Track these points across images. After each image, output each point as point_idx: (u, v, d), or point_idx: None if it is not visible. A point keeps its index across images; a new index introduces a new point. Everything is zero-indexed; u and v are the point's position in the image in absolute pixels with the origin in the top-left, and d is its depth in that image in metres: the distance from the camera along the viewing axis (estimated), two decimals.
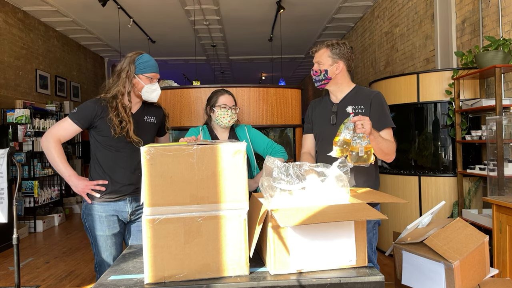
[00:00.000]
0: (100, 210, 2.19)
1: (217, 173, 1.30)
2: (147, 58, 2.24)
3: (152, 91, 2.23)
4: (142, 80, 2.20)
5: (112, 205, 2.20)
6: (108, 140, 2.19)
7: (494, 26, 3.68)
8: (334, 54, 2.12)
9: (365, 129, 1.80)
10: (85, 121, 2.18)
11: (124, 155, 2.20)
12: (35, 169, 6.09)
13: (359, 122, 1.80)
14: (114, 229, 2.22)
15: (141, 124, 2.29)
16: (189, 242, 1.28)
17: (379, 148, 1.96)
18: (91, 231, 2.22)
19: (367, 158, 1.84)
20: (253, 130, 2.55)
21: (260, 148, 2.49)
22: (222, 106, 2.41)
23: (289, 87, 3.55)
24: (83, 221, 2.25)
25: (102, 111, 2.18)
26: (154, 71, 2.24)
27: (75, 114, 2.18)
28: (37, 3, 6.69)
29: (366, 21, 7.51)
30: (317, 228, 1.32)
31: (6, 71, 6.38)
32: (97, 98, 2.25)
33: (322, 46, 2.16)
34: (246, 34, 8.98)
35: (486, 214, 3.32)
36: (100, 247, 2.21)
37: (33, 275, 3.97)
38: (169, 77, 11.74)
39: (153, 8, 7.12)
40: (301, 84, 16.18)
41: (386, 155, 2.03)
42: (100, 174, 2.20)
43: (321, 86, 2.18)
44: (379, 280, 1.27)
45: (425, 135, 4.01)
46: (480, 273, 1.67)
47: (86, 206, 2.22)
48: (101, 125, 2.18)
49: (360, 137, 1.83)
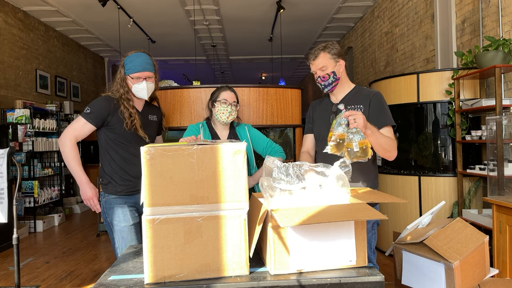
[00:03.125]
0: (121, 203, 2.28)
1: (217, 173, 1.30)
2: (132, 58, 2.29)
3: (139, 90, 2.30)
4: (130, 81, 2.29)
5: (131, 197, 2.31)
6: (119, 137, 2.28)
7: (494, 26, 3.68)
8: (333, 54, 2.11)
9: (358, 123, 1.79)
10: (99, 120, 2.25)
11: (135, 150, 2.27)
12: (35, 169, 6.09)
13: (351, 117, 1.80)
14: (136, 218, 2.31)
15: (147, 122, 2.40)
16: (189, 242, 1.28)
17: (378, 143, 1.94)
18: (114, 225, 2.27)
19: (363, 153, 1.83)
20: (253, 130, 2.58)
21: (260, 147, 2.52)
22: (223, 101, 2.44)
23: (289, 87, 3.55)
24: (104, 216, 2.31)
25: (114, 108, 2.27)
26: (139, 70, 2.27)
27: (89, 113, 2.24)
28: (37, 3, 6.68)
29: (366, 21, 7.51)
30: (317, 228, 1.32)
31: (6, 71, 6.38)
32: (107, 96, 2.31)
33: (318, 52, 2.11)
34: (246, 34, 8.98)
35: (486, 214, 3.32)
36: (125, 238, 2.26)
37: (33, 275, 3.97)
38: (169, 77, 11.75)
39: (153, 8, 7.12)
40: (301, 84, 16.18)
41: (386, 151, 2.00)
42: (116, 170, 2.29)
43: (332, 89, 2.15)
44: (379, 280, 1.27)
45: (425, 135, 4.01)
46: (480, 273, 1.67)
47: (107, 201, 2.29)
48: (113, 121, 2.26)
49: (353, 132, 1.82)
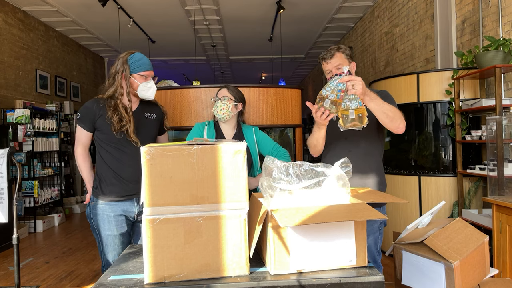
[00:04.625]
0: (108, 210, 2.21)
1: (217, 173, 1.30)
2: (139, 56, 2.27)
3: (147, 89, 2.26)
4: (137, 79, 2.24)
5: (120, 205, 2.22)
6: (110, 138, 2.22)
7: (494, 26, 3.68)
8: (347, 55, 2.13)
9: (356, 89, 1.70)
10: (89, 123, 2.23)
11: (129, 153, 2.23)
12: (35, 169, 6.09)
13: (350, 82, 1.70)
14: (122, 228, 2.23)
15: (143, 121, 2.32)
16: (189, 242, 1.28)
17: (381, 111, 1.84)
18: (98, 231, 2.23)
19: (359, 120, 1.75)
20: (260, 132, 2.57)
21: (266, 150, 2.52)
22: (217, 99, 2.45)
23: (289, 87, 3.55)
24: (90, 221, 2.26)
25: (100, 110, 2.22)
26: (148, 69, 2.26)
27: (79, 119, 2.25)
28: (37, 3, 6.68)
29: (366, 21, 7.51)
30: (317, 228, 1.32)
31: (6, 71, 6.38)
32: (95, 98, 2.29)
33: (334, 51, 2.12)
34: (246, 34, 8.98)
35: (486, 214, 3.32)
36: (108, 246, 2.22)
37: (33, 275, 3.97)
38: (169, 77, 11.74)
39: (153, 8, 7.12)
40: (301, 84, 16.18)
41: (392, 120, 1.89)
42: (108, 172, 2.23)
43: None
44: (379, 280, 1.27)
45: (425, 135, 4.01)
46: (480, 273, 1.67)
47: (94, 207, 2.23)
48: (101, 124, 2.22)
49: (351, 99, 1.73)
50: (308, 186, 1.37)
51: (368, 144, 2.16)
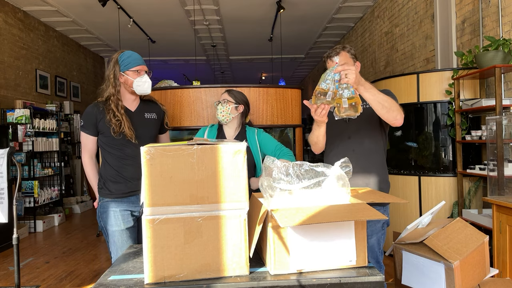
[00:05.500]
0: (114, 206, 2.27)
1: (217, 173, 1.30)
2: (128, 53, 2.31)
3: (142, 83, 2.29)
4: (130, 76, 2.27)
5: (125, 200, 2.29)
6: (112, 140, 2.27)
7: (494, 26, 3.68)
8: (352, 55, 2.16)
9: (349, 78, 1.71)
10: (93, 128, 2.29)
11: (130, 152, 2.28)
12: (35, 169, 6.09)
13: (343, 72, 1.72)
14: (129, 223, 2.29)
15: (142, 120, 2.37)
16: (189, 242, 1.28)
17: (376, 101, 1.85)
18: (106, 229, 2.28)
19: (353, 109, 1.77)
20: (263, 134, 2.60)
21: (269, 150, 2.54)
22: (218, 102, 2.50)
23: (289, 87, 3.55)
24: (98, 220, 2.32)
25: (100, 114, 2.27)
26: (139, 64, 2.30)
27: (82, 125, 2.31)
28: (37, 3, 6.68)
29: (366, 21, 7.51)
30: (317, 228, 1.32)
31: (6, 71, 6.38)
32: (94, 103, 2.35)
33: (339, 50, 2.14)
34: (246, 34, 8.98)
35: (486, 214, 3.32)
36: (116, 243, 2.25)
37: (33, 275, 3.97)
38: (169, 77, 11.74)
39: (153, 8, 7.12)
40: (301, 84, 16.18)
41: (389, 110, 1.88)
42: (111, 173, 2.29)
43: None
44: (379, 280, 1.27)
45: (425, 135, 4.01)
46: (480, 273, 1.67)
47: (101, 205, 2.30)
48: (103, 127, 2.28)
49: (343, 88, 1.75)
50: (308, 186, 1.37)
51: (372, 143, 2.16)
